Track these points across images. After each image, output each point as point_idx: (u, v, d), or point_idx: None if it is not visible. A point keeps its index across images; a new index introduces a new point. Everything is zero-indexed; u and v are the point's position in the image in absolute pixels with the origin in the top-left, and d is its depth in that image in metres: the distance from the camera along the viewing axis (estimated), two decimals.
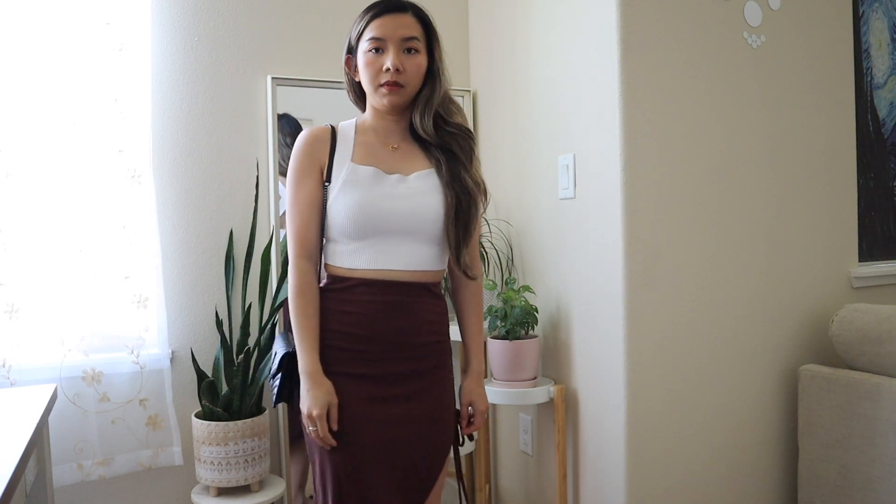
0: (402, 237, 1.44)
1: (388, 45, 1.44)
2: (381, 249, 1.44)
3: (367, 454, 1.42)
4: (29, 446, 1.25)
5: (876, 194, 2.44)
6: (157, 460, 2.13)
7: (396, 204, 1.44)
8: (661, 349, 1.90)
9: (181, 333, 2.21)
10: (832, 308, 2.15)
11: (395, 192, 1.44)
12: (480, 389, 1.59)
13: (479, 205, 1.51)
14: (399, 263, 1.45)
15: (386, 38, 1.44)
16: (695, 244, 1.95)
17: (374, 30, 1.45)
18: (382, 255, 1.44)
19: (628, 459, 1.86)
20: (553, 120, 2.12)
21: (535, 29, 2.20)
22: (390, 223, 1.43)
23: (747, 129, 2.03)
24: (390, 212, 1.43)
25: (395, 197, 1.44)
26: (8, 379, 1.93)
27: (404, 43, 1.45)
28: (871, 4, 2.43)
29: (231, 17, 2.26)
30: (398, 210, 1.43)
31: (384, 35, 1.44)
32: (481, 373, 1.60)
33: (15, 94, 1.97)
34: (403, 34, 1.45)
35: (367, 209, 1.42)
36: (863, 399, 1.87)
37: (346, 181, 1.44)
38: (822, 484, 1.97)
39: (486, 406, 1.59)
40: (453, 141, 1.49)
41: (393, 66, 1.43)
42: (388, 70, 1.43)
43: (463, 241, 1.47)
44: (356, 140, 1.50)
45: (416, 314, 1.47)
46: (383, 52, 1.44)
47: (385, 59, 1.44)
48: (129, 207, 2.09)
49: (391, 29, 1.44)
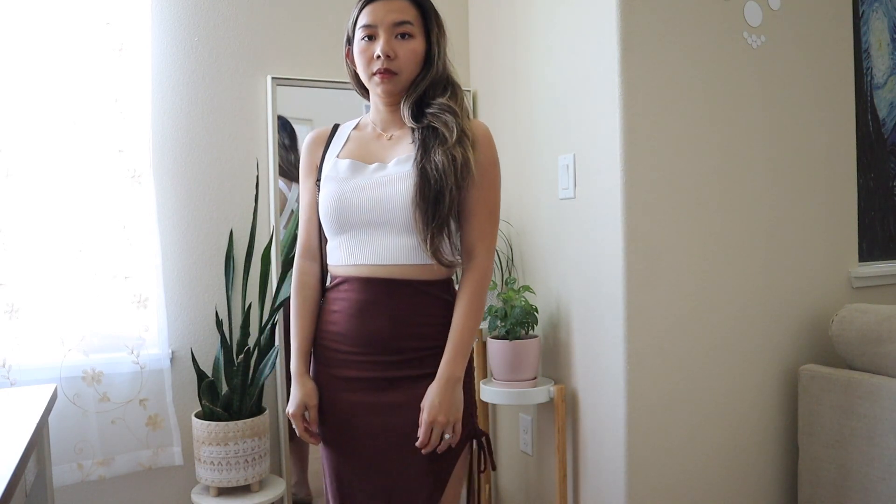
0: (375, 229, 1.36)
1: (378, 31, 1.39)
2: (355, 244, 1.38)
3: (349, 463, 1.41)
4: (29, 446, 1.25)
5: (876, 194, 2.44)
6: (157, 460, 2.13)
7: (362, 195, 1.37)
8: (661, 349, 1.90)
9: (181, 333, 2.21)
10: (832, 308, 2.15)
11: (366, 183, 1.37)
12: (439, 398, 1.32)
13: (454, 181, 1.32)
14: (373, 258, 1.37)
15: (377, 24, 1.38)
16: (695, 244, 1.95)
17: (365, 16, 1.40)
18: (357, 249, 1.38)
19: (628, 459, 1.86)
20: (553, 120, 2.12)
21: (534, 29, 2.20)
22: (358, 215, 1.36)
23: (747, 129, 2.03)
24: (356, 203, 1.36)
25: (363, 188, 1.37)
26: (8, 379, 1.93)
27: (396, 28, 1.39)
28: (871, 4, 2.43)
29: (231, 17, 2.26)
30: (363, 200, 1.36)
31: (375, 21, 1.39)
32: (451, 379, 1.34)
33: (15, 94, 1.97)
34: (394, 19, 1.38)
35: (336, 203, 1.38)
36: (863, 399, 1.87)
37: (327, 177, 1.43)
38: (822, 484, 1.97)
39: (434, 417, 1.31)
40: (435, 119, 1.38)
41: (382, 53, 1.37)
42: (379, 57, 1.38)
43: (432, 222, 1.32)
44: (350, 135, 1.49)
45: (394, 314, 1.36)
46: (375, 39, 1.39)
47: (376, 46, 1.38)
48: (129, 207, 2.09)
49: (381, 14, 1.38)
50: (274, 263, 2.24)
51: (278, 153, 2.28)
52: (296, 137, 2.35)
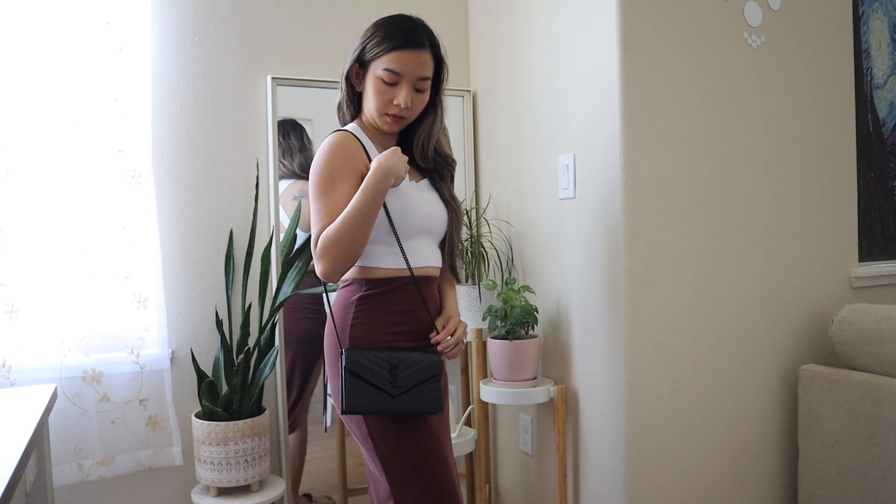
0: (432, 237, 1.59)
1: (403, 80, 1.49)
2: (422, 247, 1.56)
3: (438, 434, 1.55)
4: (29, 446, 1.25)
5: (876, 194, 2.44)
6: (157, 460, 2.13)
7: (429, 207, 1.58)
8: (661, 349, 1.90)
9: (181, 333, 2.21)
10: (832, 308, 2.15)
11: (430, 197, 1.60)
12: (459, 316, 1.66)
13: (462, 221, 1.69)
14: (435, 261, 1.60)
15: (403, 74, 1.49)
16: (695, 244, 1.95)
17: (393, 63, 1.48)
18: (425, 253, 1.56)
19: (628, 459, 1.86)
20: (553, 120, 2.12)
21: (535, 29, 2.20)
22: (430, 223, 1.58)
23: (747, 129, 2.03)
24: (429, 213, 1.57)
25: (428, 201, 1.58)
26: (8, 379, 1.93)
27: (418, 83, 1.51)
28: (871, 4, 2.43)
29: (231, 17, 2.26)
30: (435, 211, 1.59)
31: (402, 71, 1.48)
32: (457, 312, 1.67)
33: (15, 94, 1.97)
34: (420, 74, 1.50)
35: (420, 211, 1.54)
36: (863, 399, 1.87)
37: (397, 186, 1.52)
38: (822, 484, 1.97)
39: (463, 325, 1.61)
40: (445, 168, 1.65)
41: (404, 104, 1.49)
42: (398, 105, 1.50)
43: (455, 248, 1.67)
44: (376, 148, 1.57)
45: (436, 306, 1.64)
46: (397, 86, 1.49)
47: (397, 94, 1.49)
48: (129, 207, 2.09)
49: (410, 67, 1.48)
50: (274, 263, 2.24)
51: (295, 156, 2.31)
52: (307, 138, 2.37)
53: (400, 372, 1.46)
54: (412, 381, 1.46)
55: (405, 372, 1.46)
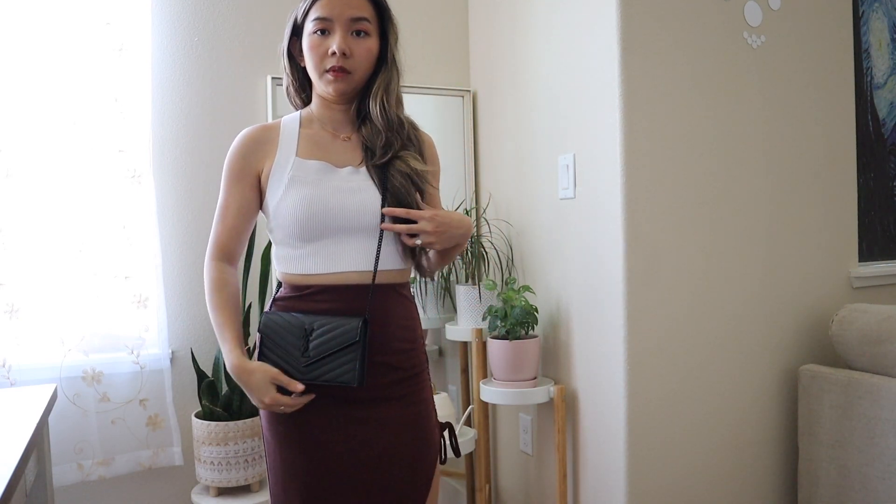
0: (355, 235, 1.32)
1: (334, 26, 1.32)
2: (335, 250, 1.31)
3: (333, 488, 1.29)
4: (29, 446, 1.25)
5: (876, 194, 2.44)
6: (157, 460, 2.13)
7: (345, 198, 1.31)
8: (661, 349, 1.90)
9: (181, 333, 2.21)
10: (832, 308, 2.15)
11: (347, 186, 1.32)
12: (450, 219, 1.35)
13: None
14: (358, 264, 1.32)
15: (332, 19, 1.32)
16: (695, 244, 1.95)
17: (319, 9, 1.33)
18: (338, 256, 1.31)
19: (628, 459, 1.86)
20: (553, 120, 2.12)
21: (534, 29, 2.20)
22: (339, 220, 1.31)
23: (747, 128, 2.03)
24: (338, 207, 1.30)
25: (344, 191, 1.32)
26: (8, 379, 1.93)
27: (353, 24, 1.33)
28: (871, 4, 2.43)
29: (231, 17, 2.26)
30: (350, 204, 1.31)
31: (330, 15, 1.32)
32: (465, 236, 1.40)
33: (15, 94, 1.97)
34: (352, 14, 1.32)
35: (316, 207, 1.30)
36: (863, 399, 1.87)
37: (294, 178, 1.32)
38: (822, 484, 1.97)
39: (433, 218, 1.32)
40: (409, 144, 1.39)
41: (339, 50, 1.31)
42: (334, 54, 1.31)
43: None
44: (301, 133, 1.38)
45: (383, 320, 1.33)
46: (329, 34, 1.32)
47: (331, 41, 1.32)
48: (129, 207, 2.10)
49: (339, 9, 1.32)
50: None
51: None
52: None
53: (313, 339, 1.28)
54: (325, 350, 1.26)
55: (318, 339, 1.28)
